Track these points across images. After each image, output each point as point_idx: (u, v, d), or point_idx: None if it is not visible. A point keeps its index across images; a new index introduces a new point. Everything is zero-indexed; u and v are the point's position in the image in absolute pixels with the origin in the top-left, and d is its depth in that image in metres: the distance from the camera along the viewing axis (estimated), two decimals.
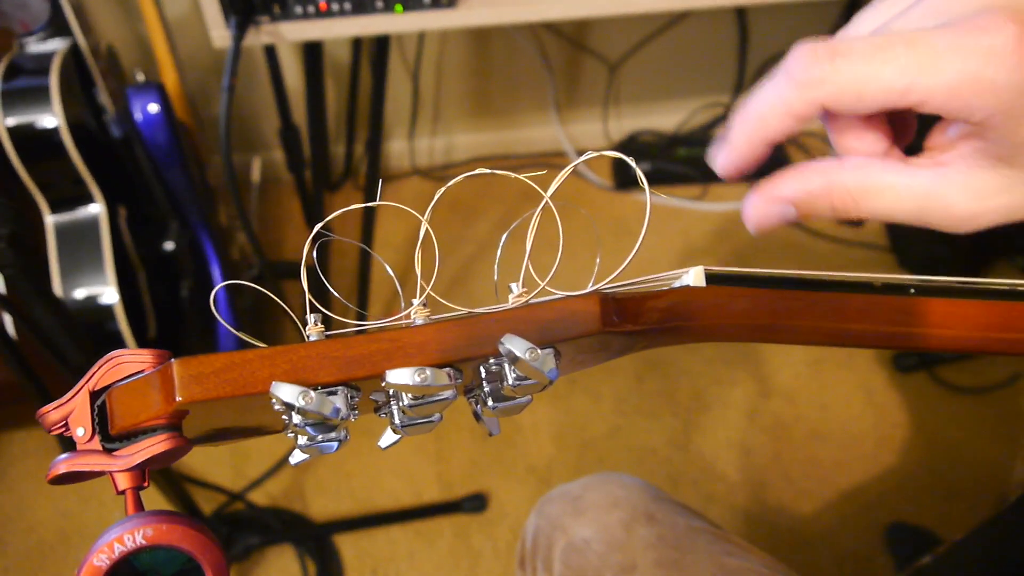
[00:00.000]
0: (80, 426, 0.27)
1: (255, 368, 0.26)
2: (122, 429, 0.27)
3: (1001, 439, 1.34)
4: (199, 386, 0.26)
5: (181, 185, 1.22)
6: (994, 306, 0.34)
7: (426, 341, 0.28)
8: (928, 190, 0.29)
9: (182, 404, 0.26)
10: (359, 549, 1.22)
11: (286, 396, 0.26)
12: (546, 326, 0.29)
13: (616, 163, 1.87)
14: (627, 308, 0.31)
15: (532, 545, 0.69)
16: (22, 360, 0.73)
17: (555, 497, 0.70)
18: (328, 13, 1.01)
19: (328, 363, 0.27)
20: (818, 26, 1.80)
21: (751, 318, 0.33)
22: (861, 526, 1.24)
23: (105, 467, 0.26)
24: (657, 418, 1.39)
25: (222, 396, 0.26)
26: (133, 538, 0.24)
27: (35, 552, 1.23)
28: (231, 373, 0.26)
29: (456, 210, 1.79)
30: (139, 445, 0.26)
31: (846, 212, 0.30)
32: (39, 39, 1.10)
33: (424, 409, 0.29)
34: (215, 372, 0.26)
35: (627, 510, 0.65)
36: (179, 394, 0.25)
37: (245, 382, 0.26)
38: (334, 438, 0.29)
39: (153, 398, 0.26)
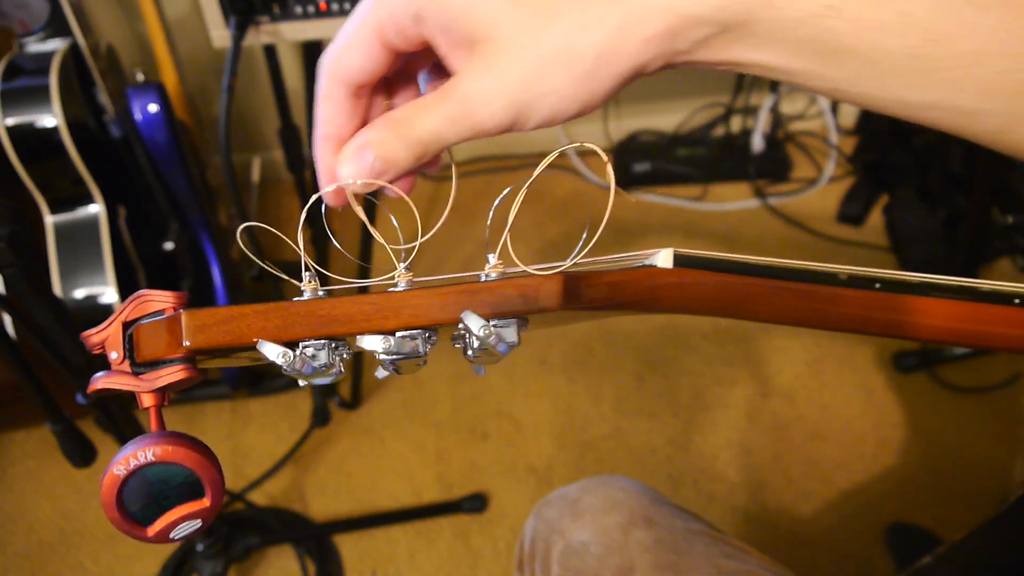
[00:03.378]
0: (114, 350, 0.32)
1: (251, 322, 0.30)
2: (145, 358, 0.31)
3: (1001, 439, 1.34)
4: (202, 335, 0.30)
5: (181, 185, 1.22)
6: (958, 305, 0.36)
7: (401, 306, 0.32)
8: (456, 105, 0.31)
9: (189, 349, 0.30)
10: (359, 549, 1.22)
11: (270, 354, 0.30)
12: (507, 300, 0.32)
13: (616, 163, 1.87)
14: (590, 284, 0.33)
15: (530, 548, 0.69)
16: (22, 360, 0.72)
17: (553, 500, 0.70)
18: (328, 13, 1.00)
19: (314, 320, 0.31)
20: None
21: (716, 300, 0.35)
22: (861, 526, 1.24)
23: (133, 387, 0.31)
24: (657, 418, 1.39)
25: (221, 344, 0.30)
26: (146, 454, 0.29)
27: (35, 552, 1.23)
28: (230, 325, 0.30)
29: (455, 210, 1.79)
30: (160, 372, 0.31)
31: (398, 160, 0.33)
32: (39, 39, 1.10)
33: (401, 364, 0.33)
34: (216, 323, 0.30)
35: (625, 513, 0.65)
36: (186, 339, 0.30)
37: (241, 333, 0.30)
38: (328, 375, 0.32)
39: (168, 339, 0.31)
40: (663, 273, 0.34)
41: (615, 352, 1.49)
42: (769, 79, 0.34)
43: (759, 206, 1.78)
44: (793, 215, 1.75)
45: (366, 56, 0.32)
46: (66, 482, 1.31)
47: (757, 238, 1.72)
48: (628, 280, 0.34)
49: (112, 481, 0.29)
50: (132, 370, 0.32)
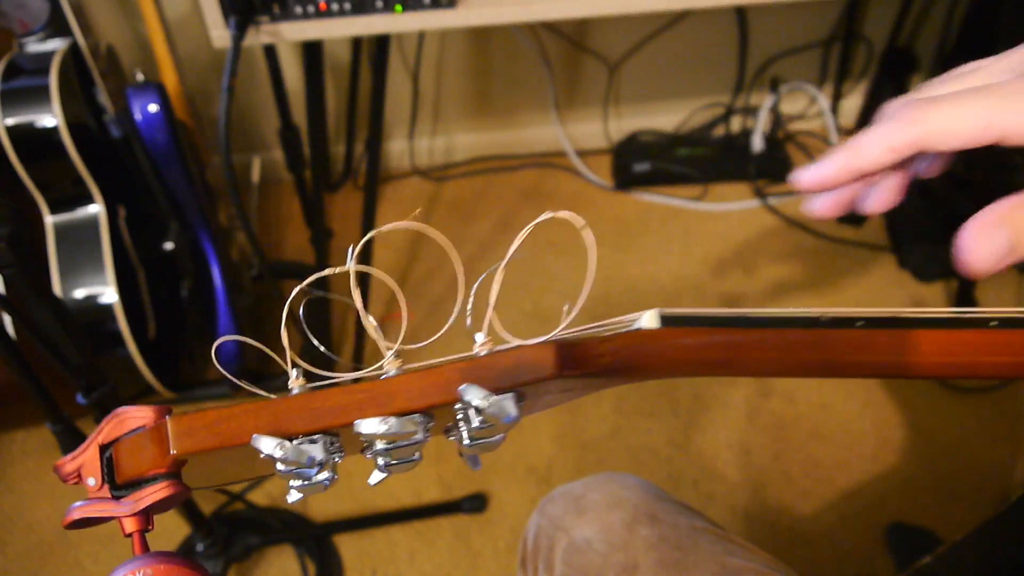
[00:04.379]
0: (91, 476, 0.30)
1: (241, 422, 0.29)
2: (127, 478, 0.30)
3: (1001, 439, 1.34)
4: (191, 439, 0.29)
5: (181, 185, 1.22)
6: (941, 334, 0.35)
7: (395, 391, 0.31)
8: None
9: (176, 456, 0.29)
10: (359, 549, 1.22)
11: (265, 448, 0.29)
12: (504, 373, 0.31)
13: (616, 163, 1.87)
14: (583, 352, 0.33)
15: (533, 545, 0.69)
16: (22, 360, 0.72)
17: (556, 497, 0.70)
18: (328, 13, 1.01)
19: (307, 414, 0.30)
20: (818, 26, 1.80)
21: (704, 355, 0.35)
22: (861, 526, 1.24)
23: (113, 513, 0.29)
24: (657, 418, 1.39)
25: (211, 448, 0.29)
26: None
27: (35, 552, 1.23)
28: (219, 427, 0.29)
29: (456, 211, 1.79)
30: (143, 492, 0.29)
31: None
32: (39, 39, 1.10)
33: (399, 452, 0.31)
34: (205, 426, 0.29)
35: (629, 510, 0.65)
36: (173, 447, 0.29)
37: (232, 434, 0.29)
38: (321, 480, 0.31)
39: (152, 451, 0.29)
40: (652, 335, 0.34)
41: None
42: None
43: (759, 206, 1.78)
44: (793, 215, 1.75)
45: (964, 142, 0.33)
46: None
47: (757, 238, 1.72)
48: (621, 344, 0.34)
49: None
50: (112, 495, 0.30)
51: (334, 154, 1.83)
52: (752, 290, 1.60)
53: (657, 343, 0.34)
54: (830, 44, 1.82)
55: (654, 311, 0.35)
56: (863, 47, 1.84)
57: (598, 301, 1.57)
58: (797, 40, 1.81)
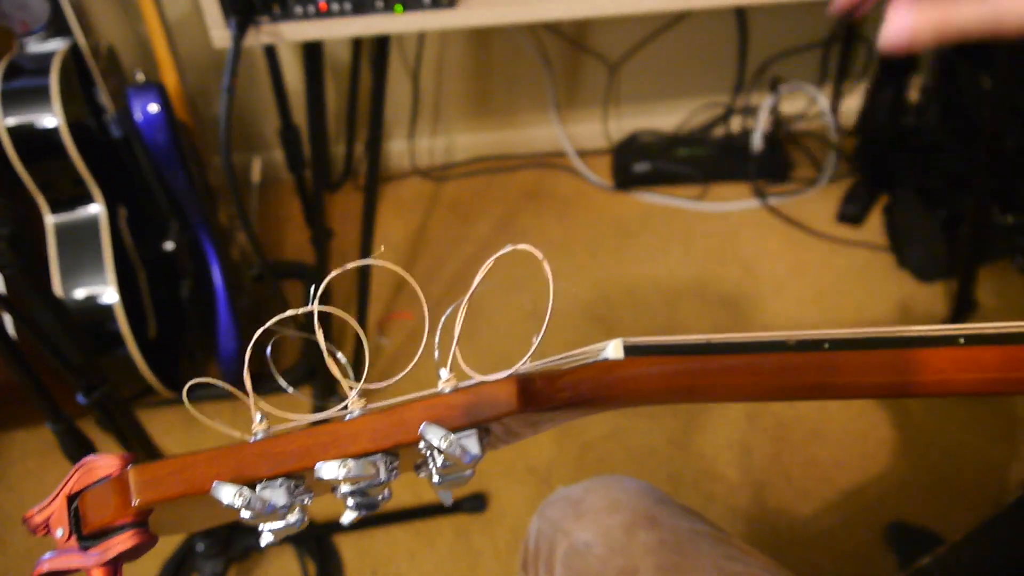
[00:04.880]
0: (59, 527, 0.30)
1: (203, 470, 0.29)
2: (94, 528, 0.30)
3: (1001, 439, 1.34)
4: (153, 489, 0.29)
5: (181, 185, 1.22)
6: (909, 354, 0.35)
7: (358, 432, 0.31)
8: None
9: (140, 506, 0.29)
10: (359, 549, 1.22)
11: (225, 498, 0.28)
12: (468, 410, 0.31)
13: (616, 163, 1.87)
14: (547, 385, 0.33)
15: (535, 548, 0.69)
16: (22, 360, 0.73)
17: (556, 500, 0.70)
18: (328, 13, 1.01)
19: (269, 459, 0.30)
20: (818, 26, 1.80)
21: (669, 383, 0.34)
22: (861, 526, 1.24)
23: (81, 565, 0.29)
24: (657, 418, 1.39)
25: (173, 496, 0.29)
26: None
27: (35, 552, 1.23)
28: (181, 475, 0.29)
29: (456, 210, 1.79)
30: (110, 542, 0.29)
31: None
32: (39, 39, 1.10)
33: (366, 494, 0.31)
34: (167, 475, 0.29)
35: (628, 513, 0.65)
36: (135, 497, 0.29)
37: (193, 482, 0.29)
38: (292, 522, 0.31)
39: (116, 500, 0.29)
40: (617, 365, 0.34)
41: None
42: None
43: (759, 206, 1.78)
44: (793, 215, 1.75)
45: None
46: None
47: (757, 238, 1.72)
48: (584, 376, 0.34)
49: None
50: (80, 545, 0.30)
51: (334, 154, 1.83)
52: (752, 290, 1.60)
53: (621, 372, 0.34)
54: (830, 44, 1.82)
55: (618, 341, 0.34)
56: (863, 47, 1.84)
57: (598, 302, 1.57)
58: (797, 40, 1.81)
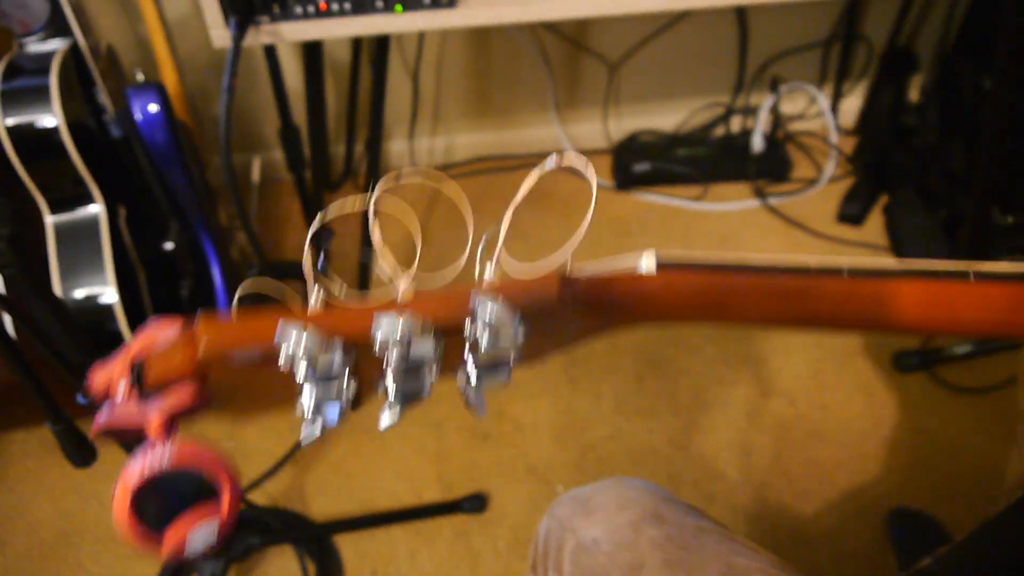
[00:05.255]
0: (120, 386, 0.31)
1: (264, 323, 0.31)
2: (154, 384, 0.31)
3: (1001, 439, 1.34)
4: (219, 336, 0.30)
5: (181, 185, 1.22)
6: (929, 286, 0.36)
7: (410, 306, 0.33)
8: None
9: (203, 353, 0.30)
10: (359, 549, 1.22)
11: (288, 335, 0.30)
12: (513, 292, 0.33)
13: (616, 163, 1.87)
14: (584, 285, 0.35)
15: (543, 547, 0.70)
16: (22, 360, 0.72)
17: (565, 500, 0.71)
18: (328, 13, 1.01)
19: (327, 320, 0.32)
20: (818, 26, 1.80)
21: (699, 299, 0.36)
22: (862, 526, 1.24)
23: (139, 417, 0.30)
24: (657, 418, 1.39)
25: (236, 346, 0.30)
26: (159, 461, 0.28)
27: (35, 552, 1.23)
28: (244, 327, 0.31)
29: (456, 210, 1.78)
30: (168, 395, 0.31)
31: None
32: (39, 39, 1.10)
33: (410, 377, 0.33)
34: (231, 327, 0.31)
35: (636, 511, 0.66)
36: (201, 343, 0.30)
37: (255, 333, 0.31)
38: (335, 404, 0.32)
39: (179, 354, 0.31)
40: (649, 278, 0.35)
41: (615, 352, 1.49)
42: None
43: (759, 206, 1.78)
44: (793, 215, 1.75)
45: None
46: (66, 482, 1.31)
47: (757, 238, 1.72)
48: (616, 281, 0.35)
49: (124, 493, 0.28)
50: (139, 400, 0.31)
51: (334, 154, 1.83)
52: None
53: (653, 284, 0.35)
54: (830, 44, 1.82)
55: (651, 252, 0.36)
56: (863, 47, 1.84)
57: None
58: (797, 40, 1.81)
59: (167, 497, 0.29)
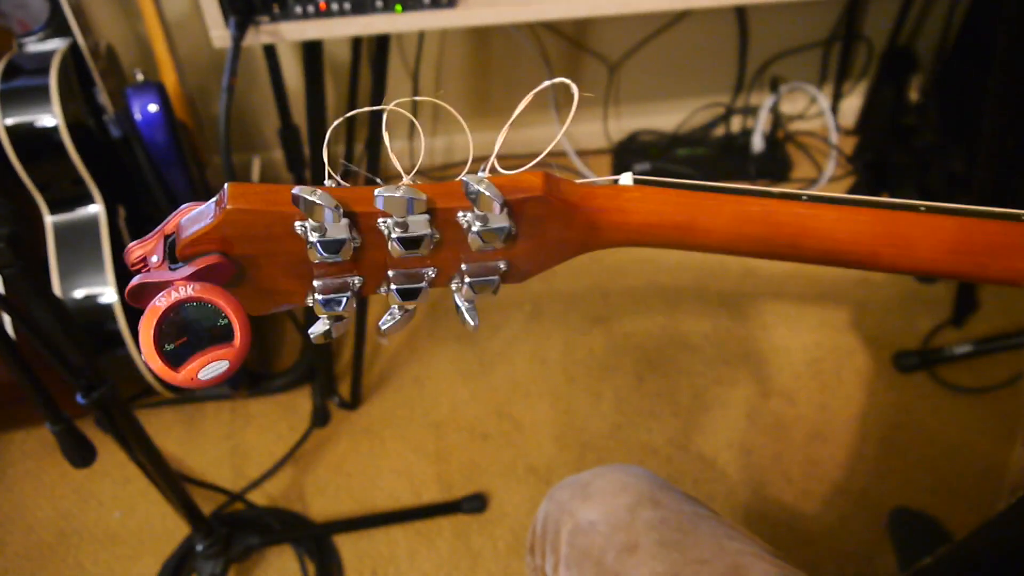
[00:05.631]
0: (154, 255, 0.35)
1: (284, 194, 0.34)
2: (185, 248, 0.34)
3: (1002, 439, 1.34)
4: (244, 199, 0.33)
5: (180, 185, 1.22)
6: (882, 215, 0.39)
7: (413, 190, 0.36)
8: None
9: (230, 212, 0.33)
10: (359, 549, 1.22)
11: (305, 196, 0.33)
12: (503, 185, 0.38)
13: (616, 163, 1.87)
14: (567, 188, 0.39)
15: (542, 530, 0.71)
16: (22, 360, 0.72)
17: (565, 484, 0.72)
18: (328, 13, 1.00)
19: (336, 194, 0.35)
20: (818, 26, 1.80)
21: (672, 214, 0.39)
22: (862, 526, 1.24)
23: (169, 277, 0.33)
24: (657, 418, 1.39)
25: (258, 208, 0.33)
26: (186, 289, 0.32)
27: (34, 552, 1.23)
28: (267, 195, 0.34)
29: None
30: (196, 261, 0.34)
31: None
32: (38, 39, 1.10)
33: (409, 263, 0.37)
34: (256, 192, 0.34)
35: (633, 495, 0.67)
36: (228, 203, 0.33)
37: (276, 200, 0.34)
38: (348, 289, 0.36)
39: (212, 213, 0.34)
40: (627, 189, 0.39)
41: (615, 352, 1.49)
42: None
43: None
44: None
45: None
46: (66, 482, 1.31)
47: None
48: (598, 189, 0.39)
49: (153, 313, 0.31)
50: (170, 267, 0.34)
51: (334, 154, 1.83)
52: (752, 290, 1.60)
53: (630, 194, 0.39)
54: (830, 44, 1.82)
55: (628, 173, 0.40)
56: (863, 47, 1.84)
57: (598, 302, 1.57)
58: (797, 40, 1.81)
59: (188, 330, 0.32)
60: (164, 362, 0.32)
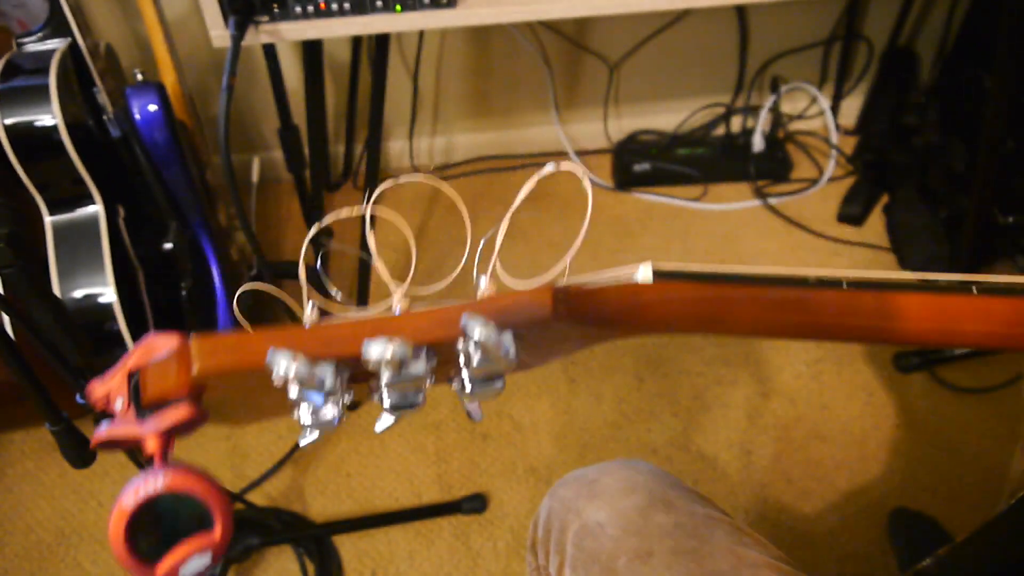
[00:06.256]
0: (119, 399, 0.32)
1: (258, 344, 0.30)
2: (151, 400, 0.31)
3: (1001, 439, 1.34)
4: (212, 359, 0.30)
5: (180, 185, 1.22)
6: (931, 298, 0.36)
7: (402, 325, 0.32)
8: None
9: (197, 376, 0.30)
10: (359, 549, 1.22)
11: (280, 361, 0.29)
12: (504, 312, 0.32)
13: (616, 163, 1.87)
14: (579, 298, 0.34)
15: (544, 529, 0.68)
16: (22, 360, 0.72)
17: (569, 481, 0.69)
18: (327, 12, 1.00)
19: (318, 340, 0.31)
20: (818, 26, 1.80)
21: (696, 310, 0.35)
22: (861, 526, 1.23)
23: (137, 433, 0.31)
24: (657, 418, 1.39)
25: (230, 367, 0.30)
26: (155, 484, 0.28)
27: (34, 552, 1.23)
28: (238, 349, 0.31)
29: (455, 211, 1.78)
30: (165, 413, 0.31)
31: None
32: (38, 39, 1.10)
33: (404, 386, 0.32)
34: (225, 348, 0.31)
35: (644, 495, 0.64)
36: (195, 366, 0.30)
37: (249, 354, 0.30)
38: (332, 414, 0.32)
39: (175, 373, 0.31)
40: (645, 289, 0.35)
41: (615, 352, 1.49)
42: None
43: (759, 206, 1.78)
44: (793, 215, 1.75)
45: None
46: (65, 483, 1.31)
47: (757, 238, 1.72)
48: (612, 294, 0.35)
49: (120, 515, 0.28)
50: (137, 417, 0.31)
51: (334, 154, 1.83)
52: None
53: (649, 296, 0.35)
54: (830, 44, 1.82)
55: (647, 264, 0.36)
56: (863, 47, 1.84)
57: None
58: (797, 40, 1.81)
59: (162, 520, 0.29)
60: (138, 563, 0.28)
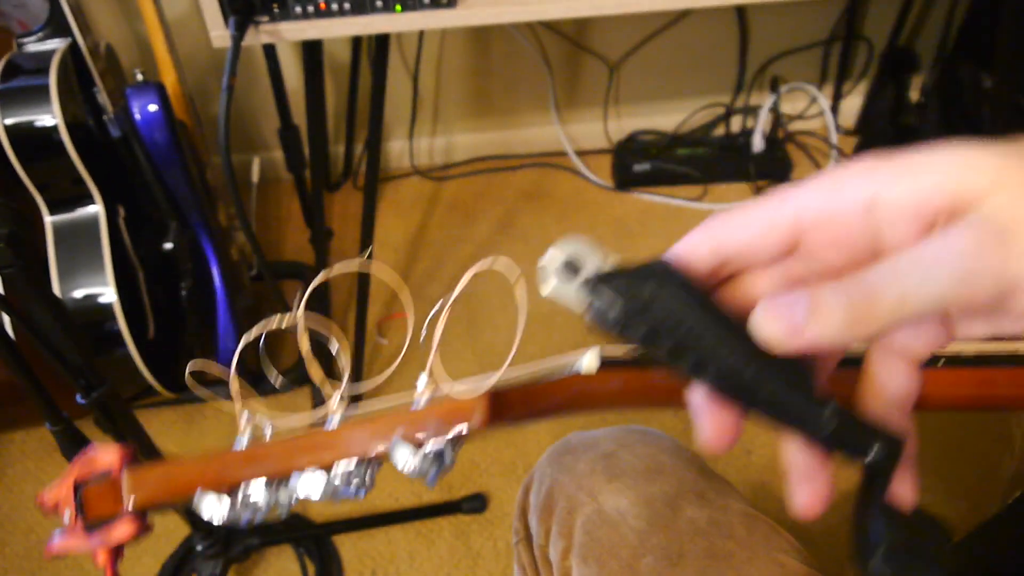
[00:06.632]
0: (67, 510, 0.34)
1: (190, 475, 0.32)
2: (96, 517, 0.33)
3: (1001, 439, 1.34)
4: (143, 492, 0.32)
5: (180, 185, 1.22)
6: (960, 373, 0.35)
7: (335, 442, 0.33)
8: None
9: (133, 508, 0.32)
10: (359, 549, 1.22)
11: (207, 509, 0.31)
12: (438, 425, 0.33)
13: (616, 163, 1.87)
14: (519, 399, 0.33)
15: (544, 498, 0.60)
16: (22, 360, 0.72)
17: (578, 448, 0.61)
18: (327, 12, 1.00)
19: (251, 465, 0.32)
20: (818, 26, 1.80)
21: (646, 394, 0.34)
22: None
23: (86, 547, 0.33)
24: (657, 418, 1.39)
25: (161, 501, 0.32)
26: None
27: (34, 552, 1.23)
28: (169, 480, 0.32)
29: (455, 210, 1.79)
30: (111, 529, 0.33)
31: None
32: (38, 39, 1.10)
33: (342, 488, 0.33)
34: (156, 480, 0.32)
35: (672, 482, 0.57)
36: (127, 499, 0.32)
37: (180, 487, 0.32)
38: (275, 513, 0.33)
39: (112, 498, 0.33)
40: (588, 379, 0.34)
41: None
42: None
43: None
44: None
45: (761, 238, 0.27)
46: None
47: None
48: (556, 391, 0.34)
49: None
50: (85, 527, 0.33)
51: (334, 154, 1.83)
52: None
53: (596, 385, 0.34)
54: (830, 44, 1.82)
55: (594, 352, 0.34)
56: (863, 47, 1.84)
57: None
58: (797, 40, 1.81)
59: None
60: None
